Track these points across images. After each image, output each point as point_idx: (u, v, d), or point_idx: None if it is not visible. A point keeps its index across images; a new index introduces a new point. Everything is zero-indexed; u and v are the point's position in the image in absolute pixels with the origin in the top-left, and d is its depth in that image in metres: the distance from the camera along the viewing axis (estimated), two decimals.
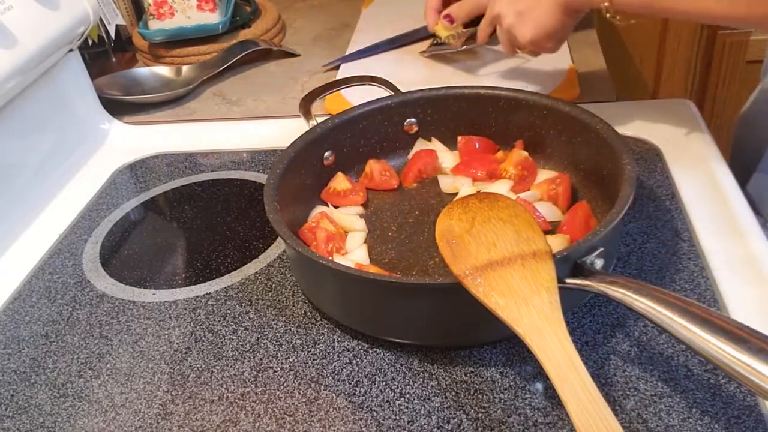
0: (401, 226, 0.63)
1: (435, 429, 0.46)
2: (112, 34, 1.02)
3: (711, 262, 0.56)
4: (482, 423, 0.46)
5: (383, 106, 0.68)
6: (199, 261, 0.64)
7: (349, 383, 0.50)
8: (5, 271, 0.67)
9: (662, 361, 0.48)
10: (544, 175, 0.65)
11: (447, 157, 0.69)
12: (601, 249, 0.49)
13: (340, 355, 0.52)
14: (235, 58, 0.96)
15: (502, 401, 0.47)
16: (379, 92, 0.72)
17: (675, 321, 0.41)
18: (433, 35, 0.89)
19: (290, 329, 0.55)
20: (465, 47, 0.87)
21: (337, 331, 0.54)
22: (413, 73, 0.89)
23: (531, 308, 0.44)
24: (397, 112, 0.69)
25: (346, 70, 0.92)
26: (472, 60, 0.92)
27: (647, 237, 0.59)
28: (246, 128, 0.85)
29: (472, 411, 0.47)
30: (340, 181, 0.66)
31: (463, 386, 0.49)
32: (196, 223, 0.70)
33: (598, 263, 0.48)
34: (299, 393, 0.50)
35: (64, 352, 0.56)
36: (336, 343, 0.53)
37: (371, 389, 0.49)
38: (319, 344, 0.54)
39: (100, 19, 0.97)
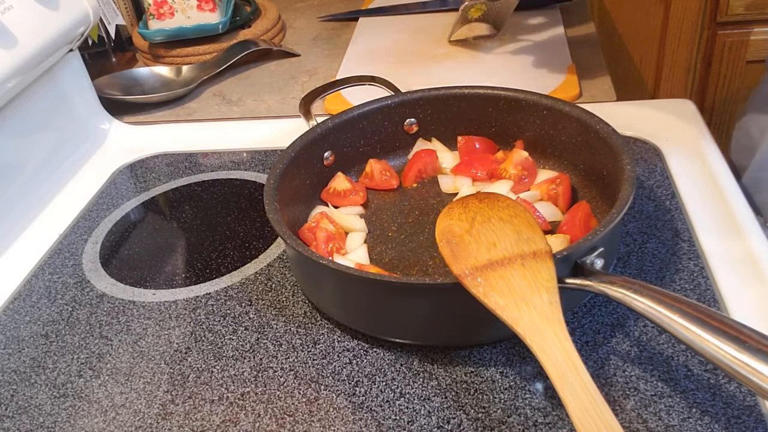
0: (401, 226, 0.63)
1: (435, 429, 0.46)
2: (112, 34, 1.02)
3: (711, 262, 0.56)
4: (482, 423, 0.46)
5: (383, 106, 0.68)
6: (199, 261, 0.64)
7: (349, 383, 0.50)
8: (5, 271, 0.67)
9: (662, 361, 0.48)
10: (544, 175, 0.65)
11: (447, 157, 0.69)
12: (601, 249, 0.49)
13: (340, 355, 0.52)
14: (235, 58, 0.96)
15: (502, 401, 0.47)
16: (379, 92, 0.72)
17: (675, 321, 0.41)
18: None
19: (290, 329, 0.55)
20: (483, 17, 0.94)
21: (337, 331, 0.54)
22: (416, 73, 0.90)
23: (531, 308, 0.44)
24: (397, 112, 0.69)
25: (349, 71, 0.92)
26: (473, 59, 0.92)
27: (647, 237, 0.59)
28: (246, 128, 0.85)
29: (472, 411, 0.47)
30: (340, 181, 0.66)
31: (463, 386, 0.49)
32: (196, 223, 0.70)
33: (598, 263, 0.48)
34: (299, 393, 0.50)
35: (64, 352, 0.56)
36: (336, 343, 0.53)
37: (371, 389, 0.49)
38: (319, 344, 0.54)
39: (100, 19, 0.97)
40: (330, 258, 0.57)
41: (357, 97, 0.77)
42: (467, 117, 0.69)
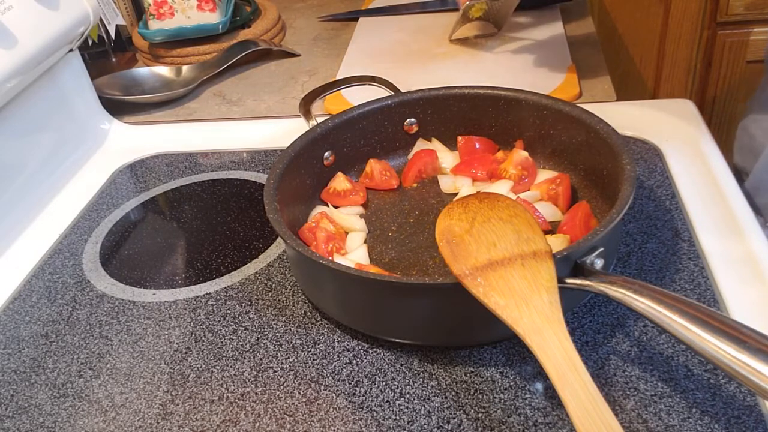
0: (401, 226, 0.63)
1: (435, 429, 0.46)
2: (112, 34, 1.02)
3: (711, 262, 0.56)
4: (482, 423, 0.46)
5: (383, 106, 0.68)
6: (199, 261, 0.64)
7: (349, 383, 0.50)
8: (5, 271, 0.67)
9: (662, 361, 0.48)
10: (544, 175, 0.65)
11: (447, 157, 0.69)
12: (601, 249, 0.49)
13: (340, 355, 0.52)
14: (235, 58, 0.96)
15: (502, 401, 0.47)
16: (379, 92, 0.72)
17: (675, 321, 0.41)
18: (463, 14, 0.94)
19: (290, 329, 0.55)
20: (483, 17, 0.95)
21: (337, 331, 0.54)
22: (416, 73, 0.90)
23: (531, 308, 0.44)
24: (397, 112, 0.69)
25: (349, 71, 0.92)
26: (474, 59, 0.92)
27: (647, 237, 0.59)
28: (246, 128, 0.85)
29: (472, 411, 0.47)
30: (340, 181, 0.66)
31: (463, 386, 0.49)
32: (196, 223, 0.70)
33: (598, 263, 0.48)
34: (299, 393, 0.50)
35: (64, 352, 0.56)
36: (336, 343, 0.53)
37: (371, 389, 0.49)
38: (319, 344, 0.54)
39: (100, 19, 0.97)
40: (330, 258, 0.57)
41: (357, 97, 0.77)
42: (467, 117, 0.69)
